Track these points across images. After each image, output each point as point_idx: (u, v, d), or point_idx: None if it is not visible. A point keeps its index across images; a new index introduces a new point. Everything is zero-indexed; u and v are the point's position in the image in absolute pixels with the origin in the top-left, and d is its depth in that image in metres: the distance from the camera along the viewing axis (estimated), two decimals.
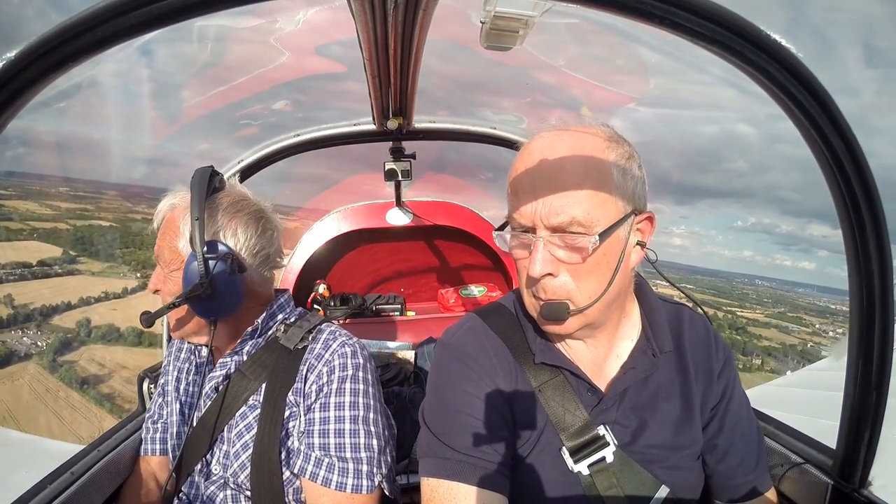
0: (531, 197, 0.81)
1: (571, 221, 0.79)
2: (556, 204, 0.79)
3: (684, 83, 1.65)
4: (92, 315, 38.60)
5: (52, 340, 34.72)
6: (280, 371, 1.11)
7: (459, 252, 2.93)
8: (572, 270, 0.82)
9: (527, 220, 0.82)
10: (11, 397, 29.66)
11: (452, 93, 1.88)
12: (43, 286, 42.39)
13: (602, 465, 0.90)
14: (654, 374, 0.94)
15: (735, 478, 0.97)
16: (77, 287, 43.42)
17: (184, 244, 1.08)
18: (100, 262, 49.57)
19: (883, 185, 0.73)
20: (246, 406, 1.11)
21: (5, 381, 30.18)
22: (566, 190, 0.79)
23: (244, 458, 1.08)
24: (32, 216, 58.42)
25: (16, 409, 29.30)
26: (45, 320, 38.50)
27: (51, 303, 40.55)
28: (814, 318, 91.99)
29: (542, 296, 0.85)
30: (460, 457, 0.86)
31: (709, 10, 0.56)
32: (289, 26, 1.35)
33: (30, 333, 36.80)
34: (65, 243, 51.79)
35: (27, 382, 30.77)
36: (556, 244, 0.81)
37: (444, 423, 0.91)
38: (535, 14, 0.83)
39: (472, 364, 0.94)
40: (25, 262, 46.70)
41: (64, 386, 28.73)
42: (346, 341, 1.13)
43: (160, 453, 1.29)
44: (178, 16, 0.49)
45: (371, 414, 1.09)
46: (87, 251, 50.33)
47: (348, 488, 1.02)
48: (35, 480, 1.08)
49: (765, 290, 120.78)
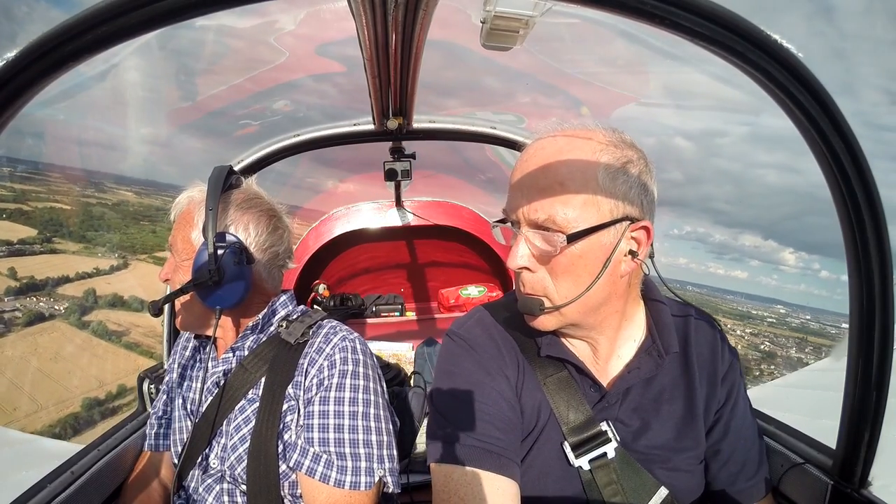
0: (518, 193, 0.86)
1: (548, 219, 0.81)
2: (537, 201, 0.82)
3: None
4: (91, 287, 42.56)
5: (68, 305, 39.51)
6: (280, 364, 1.12)
7: (460, 252, 2.92)
8: (549, 268, 0.84)
9: (512, 214, 0.87)
10: (55, 345, 35.86)
11: (452, 92, 1.88)
12: (31, 262, 45.49)
13: (603, 460, 0.90)
14: (658, 376, 0.94)
15: (736, 483, 0.96)
16: (62, 264, 46.42)
17: (196, 234, 1.13)
18: (74, 242, 52.06)
19: (811, 200, 0.77)
20: (245, 400, 1.13)
21: (42, 333, 36.47)
22: (547, 189, 0.82)
23: (241, 451, 1.09)
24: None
25: (63, 352, 35.45)
26: (52, 290, 42.20)
27: (50, 276, 43.64)
28: (729, 319, 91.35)
29: (521, 289, 0.88)
30: (473, 442, 0.87)
31: (709, 10, 0.56)
32: (289, 26, 1.35)
33: (43, 300, 40.88)
34: (35, 224, 54.28)
35: (63, 335, 36.58)
36: (534, 240, 0.84)
37: (456, 408, 0.91)
38: (535, 14, 0.83)
39: (482, 352, 0.95)
40: (7, 240, 49.50)
41: (96, 337, 35.41)
42: (346, 336, 1.14)
43: (163, 448, 1.31)
44: (178, 16, 0.49)
45: (371, 409, 1.09)
46: (58, 232, 52.52)
47: (346, 485, 1.02)
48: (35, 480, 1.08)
49: (692, 296, 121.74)
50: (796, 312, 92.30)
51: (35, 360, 35.08)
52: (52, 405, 29.65)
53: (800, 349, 68.59)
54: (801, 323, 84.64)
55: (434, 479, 0.89)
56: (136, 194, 60.95)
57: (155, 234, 44.59)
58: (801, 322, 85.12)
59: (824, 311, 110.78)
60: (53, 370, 34.44)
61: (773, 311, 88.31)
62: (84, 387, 30.75)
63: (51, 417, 28.41)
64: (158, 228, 45.75)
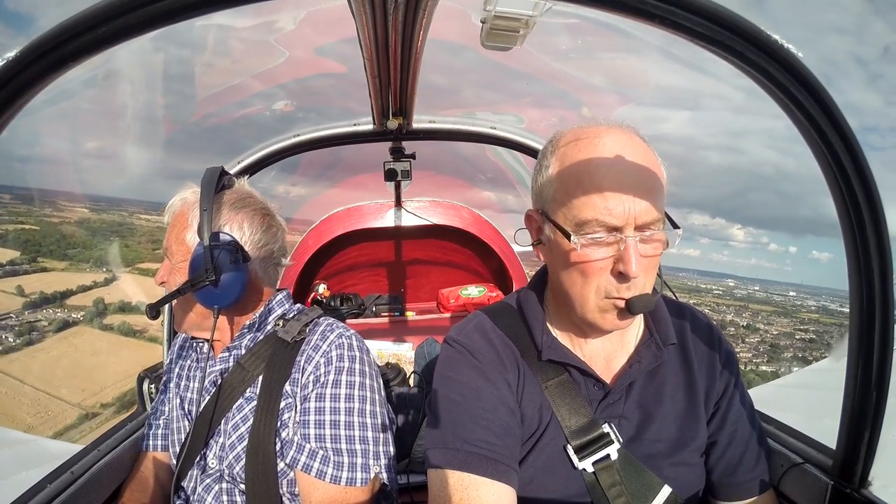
0: (621, 196, 0.80)
1: (655, 219, 0.82)
2: (646, 203, 0.81)
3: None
4: (95, 297, 45.93)
5: (85, 313, 43.68)
6: (277, 362, 1.12)
7: (459, 252, 2.92)
8: (646, 266, 0.84)
9: (618, 220, 0.81)
10: (89, 344, 41.03)
11: (453, 92, 1.88)
12: (30, 280, 48.04)
13: (606, 462, 0.90)
14: (659, 369, 0.96)
15: (734, 475, 0.97)
16: (55, 281, 48.91)
17: (191, 235, 1.13)
18: (57, 260, 54.16)
19: (753, 178, 0.79)
20: (242, 398, 1.13)
21: (75, 336, 41.71)
22: (652, 189, 0.82)
23: (239, 450, 1.09)
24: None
25: (99, 349, 40.67)
26: (62, 301, 45.34)
27: (54, 290, 46.36)
28: (678, 294, 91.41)
29: (624, 294, 0.84)
30: (470, 448, 0.87)
31: (709, 10, 0.56)
32: (289, 26, 1.35)
33: (59, 311, 44.55)
34: (15, 246, 56.78)
35: (93, 336, 41.79)
36: (654, 241, 0.84)
37: (454, 414, 0.91)
38: (536, 14, 0.83)
39: (480, 358, 0.95)
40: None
41: (121, 336, 40.30)
42: (343, 333, 1.15)
43: (161, 449, 1.31)
44: (178, 16, 0.49)
45: (367, 406, 1.10)
46: (40, 252, 54.05)
47: (342, 481, 1.03)
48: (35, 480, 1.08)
49: None
50: (745, 285, 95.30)
51: (78, 355, 39.99)
52: (110, 385, 34.40)
53: (737, 314, 73.32)
54: (747, 293, 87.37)
55: (430, 484, 0.89)
56: (92, 210, 61.62)
57: (128, 248, 46.75)
58: (748, 293, 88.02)
59: (774, 281, 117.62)
60: (98, 362, 39.47)
61: (723, 285, 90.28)
62: (131, 370, 35.39)
63: (117, 391, 32.73)
64: (130, 243, 47.74)
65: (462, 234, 2.64)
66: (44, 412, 32.58)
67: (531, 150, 1.88)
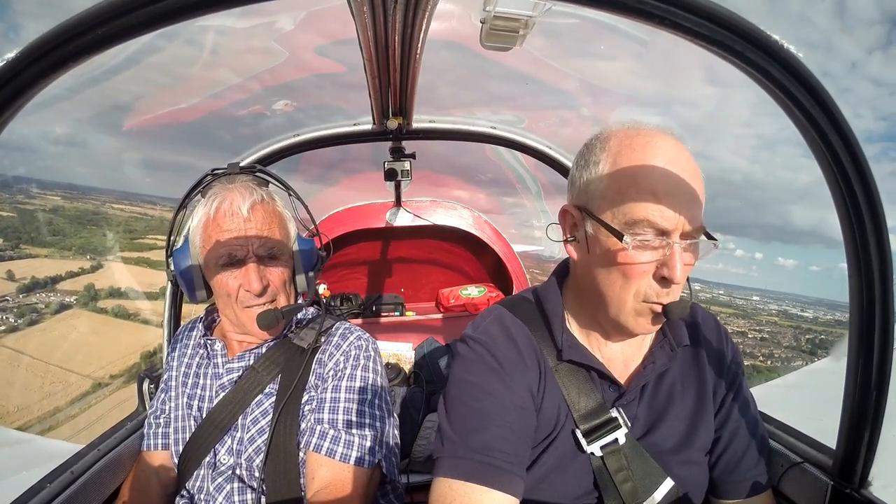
0: (674, 201, 0.81)
1: (698, 228, 0.84)
2: (695, 210, 0.82)
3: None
4: (84, 282, 46.81)
5: (78, 297, 44.52)
6: (294, 366, 1.17)
7: (459, 252, 2.92)
8: (685, 273, 0.85)
9: (669, 224, 0.81)
10: (87, 325, 42.02)
11: (452, 92, 1.88)
12: (19, 266, 48.97)
13: (614, 446, 0.91)
14: (670, 370, 0.97)
15: (735, 473, 0.98)
16: (41, 267, 49.86)
17: (293, 228, 1.26)
18: (39, 248, 54.73)
19: (722, 184, 0.80)
20: (262, 395, 1.16)
21: (72, 318, 42.57)
22: (698, 198, 0.83)
23: (259, 443, 1.11)
24: None
25: (98, 329, 41.59)
26: (53, 286, 46.23)
27: (45, 275, 47.34)
28: None
29: (664, 299, 0.85)
30: (479, 457, 0.85)
31: (709, 10, 0.56)
32: (289, 26, 1.35)
33: (53, 295, 45.46)
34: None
35: (90, 318, 42.67)
36: (699, 248, 0.86)
37: (465, 419, 0.90)
38: (535, 14, 0.83)
39: (500, 358, 0.92)
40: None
41: (116, 318, 41.24)
42: (361, 335, 1.25)
43: (162, 448, 1.30)
44: (178, 16, 0.49)
45: (377, 400, 1.17)
46: (21, 239, 54.49)
47: (352, 460, 1.07)
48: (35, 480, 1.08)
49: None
50: (711, 289, 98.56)
51: (78, 335, 41.25)
52: (116, 360, 35.57)
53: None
54: (711, 297, 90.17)
55: (433, 489, 0.89)
56: (64, 199, 61.85)
57: (106, 237, 47.36)
58: (712, 296, 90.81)
59: (738, 286, 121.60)
60: (99, 341, 40.81)
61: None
62: (131, 347, 35.95)
63: (123, 365, 34.00)
64: (108, 232, 48.60)
65: (462, 234, 2.64)
66: (59, 382, 33.98)
67: (531, 150, 1.88)
